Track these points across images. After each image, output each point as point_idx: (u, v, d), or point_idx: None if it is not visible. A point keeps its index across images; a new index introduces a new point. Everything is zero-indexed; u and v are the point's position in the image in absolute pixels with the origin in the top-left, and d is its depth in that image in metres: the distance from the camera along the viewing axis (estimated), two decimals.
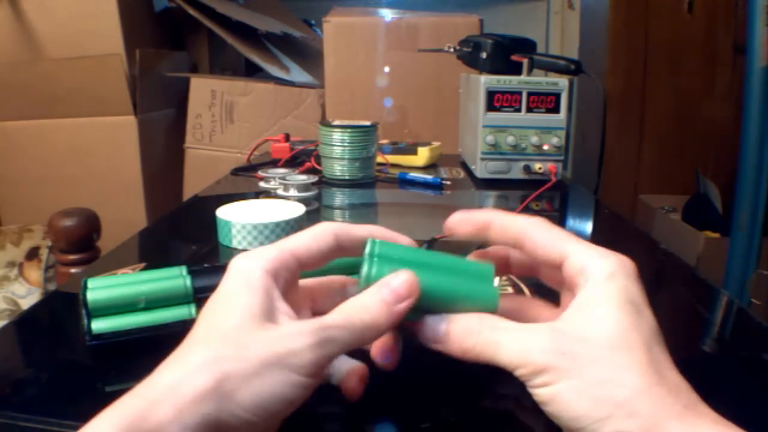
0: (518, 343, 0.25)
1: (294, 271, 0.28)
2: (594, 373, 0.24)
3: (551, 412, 0.24)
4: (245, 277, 0.26)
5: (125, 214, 1.35)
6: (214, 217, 0.55)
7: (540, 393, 0.25)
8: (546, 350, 0.24)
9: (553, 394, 0.24)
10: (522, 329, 0.26)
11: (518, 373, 0.25)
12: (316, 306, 0.31)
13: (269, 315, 0.25)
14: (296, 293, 0.29)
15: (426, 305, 0.28)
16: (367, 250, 0.28)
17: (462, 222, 0.31)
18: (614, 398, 0.23)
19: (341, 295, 0.31)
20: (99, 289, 0.35)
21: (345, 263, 0.32)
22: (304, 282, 0.31)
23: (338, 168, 0.82)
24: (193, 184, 1.46)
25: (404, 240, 0.31)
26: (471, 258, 0.33)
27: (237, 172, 0.88)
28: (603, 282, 0.26)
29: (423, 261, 0.29)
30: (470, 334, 0.27)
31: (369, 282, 0.27)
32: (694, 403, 0.23)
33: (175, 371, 0.23)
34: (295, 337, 0.24)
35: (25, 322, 0.42)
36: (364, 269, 0.28)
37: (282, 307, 0.26)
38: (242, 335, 0.24)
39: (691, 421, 0.23)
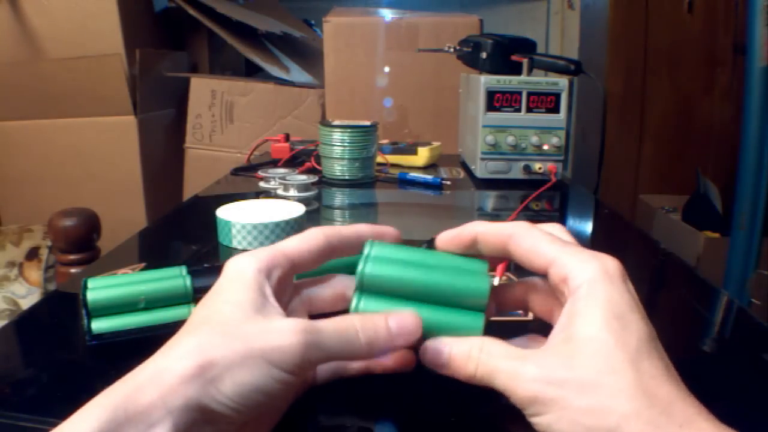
0: (510, 372, 0.25)
1: (286, 271, 0.29)
2: (582, 401, 0.23)
3: None
4: (239, 274, 0.27)
5: (125, 214, 1.35)
6: (214, 217, 0.55)
7: (535, 422, 0.25)
8: (535, 380, 0.24)
9: (547, 424, 0.24)
10: (515, 357, 0.26)
11: (513, 401, 0.25)
12: (313, 308, 0.31)
13: (260, 310, 0.26)
14: (290, 294, 0.30)
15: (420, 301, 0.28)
16: (363, 253, 0.30)
17: (450, 242, 0.31)
18: (604, 427, 0.23)
19: (341, 300, 0.31)
20: (99, 289, 0.35)
21: (340, 262, 0.32)
22: (301, 284, 0.31)
23: (338, 168, 0.82)
24: (193, 184, 1.46)
25: (390, 232, 0.32)
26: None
27: (237, 172, 0.88)
28: (585, 296, 0.26)
29: (415, 262, 0.29)
30: (470, 360, 0.27)
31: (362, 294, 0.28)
32: (691, 419, 0.23)
33: (162, 358, 0.24)
34: (282, 333, 0.24)
35: (25, 322, 0.42)
36: (359, 267, 0.29)
37: (273, 303, 0.27)
38: (230, 326, 0.25)
39: None
